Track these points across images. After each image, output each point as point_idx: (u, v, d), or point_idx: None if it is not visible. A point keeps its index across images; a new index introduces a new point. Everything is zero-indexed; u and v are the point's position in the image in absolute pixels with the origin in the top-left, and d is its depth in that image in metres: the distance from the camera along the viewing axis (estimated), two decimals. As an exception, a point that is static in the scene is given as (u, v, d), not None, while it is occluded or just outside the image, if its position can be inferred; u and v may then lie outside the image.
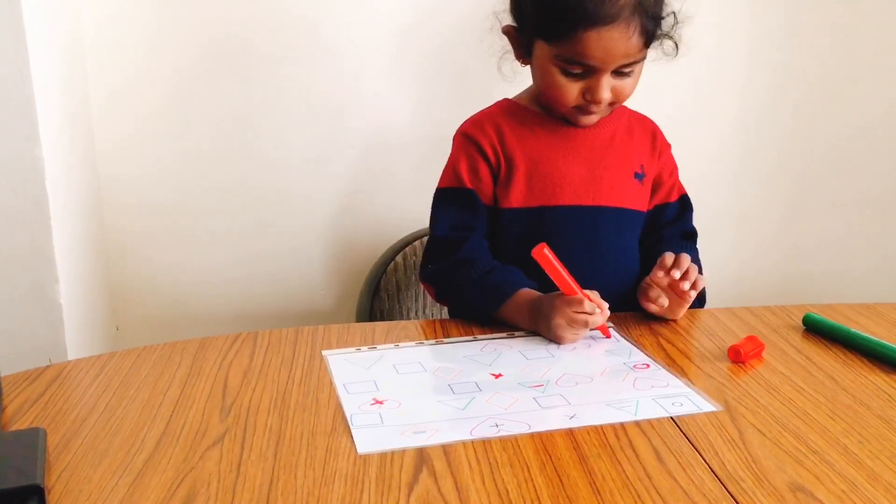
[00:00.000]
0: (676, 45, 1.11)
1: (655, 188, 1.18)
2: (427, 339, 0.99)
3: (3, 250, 1.21)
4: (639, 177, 1.15)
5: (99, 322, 1.48)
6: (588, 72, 1.03)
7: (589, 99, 1.05)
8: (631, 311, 1.08)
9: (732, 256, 1.78)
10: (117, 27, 1.45)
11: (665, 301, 1.02)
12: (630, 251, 1.16)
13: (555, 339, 0.97)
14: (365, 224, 1.61)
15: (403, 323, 1.05)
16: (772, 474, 0.69)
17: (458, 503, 0.65)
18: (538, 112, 1.14)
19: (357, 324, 1.07)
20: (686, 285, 1.00)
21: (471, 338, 1.00)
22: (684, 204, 1.20)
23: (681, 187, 1.21)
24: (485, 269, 1.06)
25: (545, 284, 1.03)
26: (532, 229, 1.11)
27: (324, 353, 0.95)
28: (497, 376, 0.88)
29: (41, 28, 1.20)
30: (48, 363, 0.93)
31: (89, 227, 1.45)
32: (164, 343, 0.96)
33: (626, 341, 0.99)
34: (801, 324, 1.04)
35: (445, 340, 0.99)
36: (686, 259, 1.02)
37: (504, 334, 1.01)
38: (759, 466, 0.70)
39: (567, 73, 1.04)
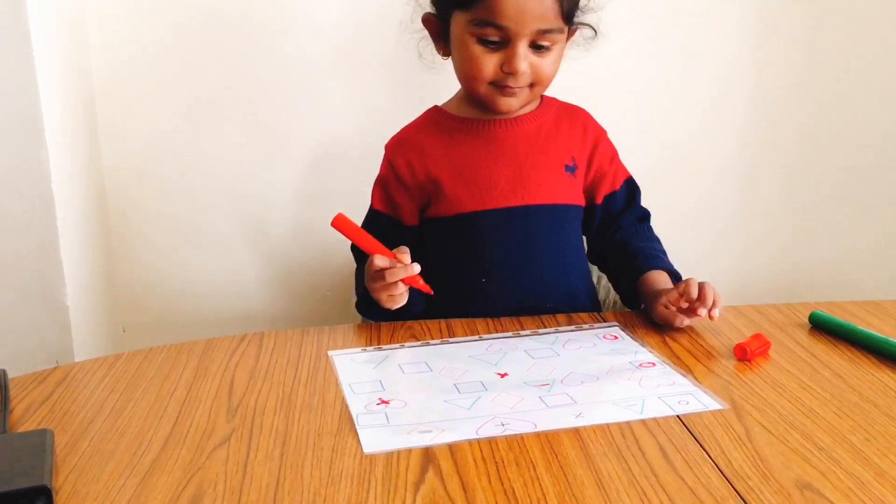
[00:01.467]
0: (594, 29, 1.10)
1: (600, 180, 1.16)
2: (432, 338, 0.99)
3: (11, 253, 1.21)
4: (570, 169, 1.13)
5: (105, 324, 1.49)
6: (504, 40, 1.02)
7: (506, 70, 1.03)
8: (587, 311, 1.09)
9: (739, 254, 1.78)
10: (122, 31, 1.46)
11: (686, 321, 1.01)
12: (570, 247, 1.15)
13: (381, 304, 1.02)
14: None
15: (408, 323, 1.05)
16: (778, 472, 0.69)
17: (465, 502, 0.65)
18: (463, 118, 1.13)
19: (362, 324, 1.07)
20: (717, 312, 0.98)
21: (476, 337, 1.00)
22: (630, 187, 1.19)
23: (624, 170, 1.19)
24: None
25: (461, 300, 1.07)
26: (463, 236, 1.11)
27: (329, 353, 0.95)
28: (503, 375, 0.89)
29: (46, 31, 1.20)
30: (55, 365, 0.93)
31: (95, 229, 1.45)
32: (171, 344, 0.96)
33: (631, 340, 0.99)
34: (807, 322, 1.04)
35: (450, 340, 0.99)
36: (710, 290, 0.99)
37: (510, 334, 1.01)
38: (765, 464, 0.70)
39: (483, 42, 1.03)
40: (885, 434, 0.76)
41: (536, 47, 1.03)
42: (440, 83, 1.19)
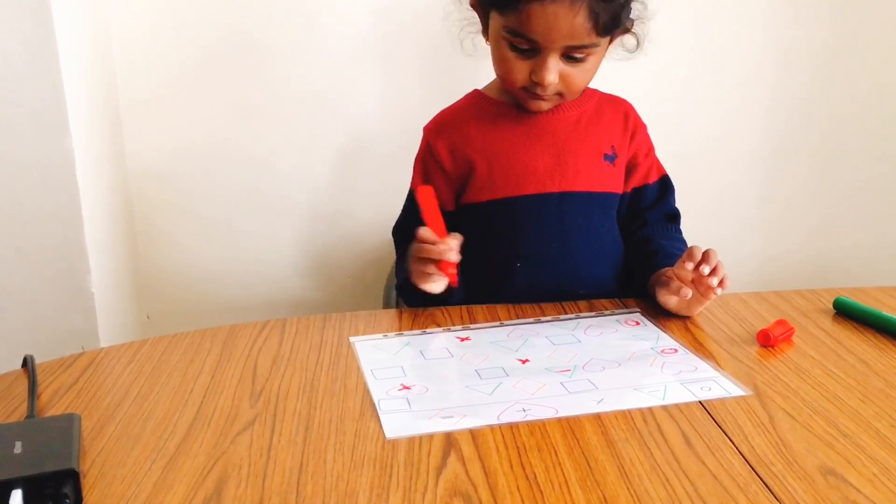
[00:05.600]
0: (638, 40, 1.08)
1: (631, 170, 1.15)
2: (453, 325, 0.99)
3: (37, 241, 1.23)
4: (609, 158, 1.12)
5: (130, 310, 1.51)
6: (535, 50, 1.01)
7: (535, 79, 1.03)
8: (623, 297, 1.08)
9: (763, 242, 1.77)
10: (144, 20, 1.46)
11: (689, 292, 0.96)
12: (606, 234, 1.14)
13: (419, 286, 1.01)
14: (392, 210, 1.62)
15: (430, 309, 1.05)
16: (802, 458, 0.69)
17: (487, 487, 0.65)
18: (504, 102, 1.12)
19: (384, 310, 1.07)
20: (714, 281, 0.95)
21: (497, 323, 1.00)
22: (664, 185, 1.18)
23: (660, 167, 1.18)
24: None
25: (496, 284, 1.05)
26: (500, 221, 1.10)
27: (351, 339, 0.95)
28: (524, 361, 0.89)
29: (69, 21, 1.21)
30: (81, 350, 0.94)
31: (119, 217, 1.47)
32: (195, 330, 0.97)
33: (653, 326, 0.99)
34: (831, 307, 1.03)
35: (472, 326, 0.99)
36: (714, 255, 0.96)
37: (531, 320, 1.01)
38: (789, 450, 0.70)
39: (515, 49, 1.02)
40: (911, 420, 0.75)
41: (570, 57, 1.02)
42: (470, 73, 1.18)
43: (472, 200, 1.12)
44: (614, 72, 1.24)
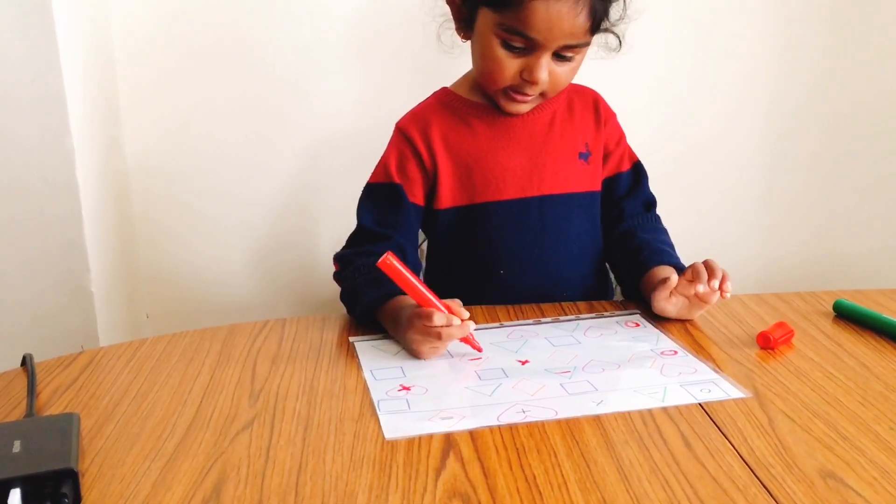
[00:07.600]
0: (620, 40, 1.07)
1: (603, 160, 1.14)
2: (453, 325, 0.99)
3: (36, 240, 1.23)
4: (584, 156, 1.12)
5: (129, 310, 1.50)
6: (529, 48, 0.99)
7: (526, 78, 1.01)
8: (601, 295, 1.09)
9: (763, 245, 1.76)
10: (146, 19, 1.46)
11: (695, 313, 0.99)
12: (586, 235, 1.13)
13: (412, 353, 0.90)
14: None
15: (430, 310, 1.05)
16: (802, 460, 0.69)
17: (486, 488, 0.65)
18: (475, 102, 1.10)
19: (384, 311, 1.07)
20: (728, 295, 0.95)
21: (497, 324, 1.00)
22: (638, 172, 1.16)
23: (632, 154, 1.17)
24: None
25: (478, 290, 1.03)
26: (480, 226, 1.09)
27: (351, 339, 0.95)
28: (524, 363, 0.89)
29: (70, 20, 1.21)
30: (81, 349, 0.94)
31: (119, 216, 1.46)
32: (194, 330, 0.97)
33: (653, 328, 0.98)
34: (831, 310, 1.03)
35: (472, 327, 0.99)
36: (718, 269, 0.96)
37: (531, 321, 1.01)
38: (788, 453, 0.70)
39: (508, 47, 1.00)
40: (911, 423, 0.75)
41: (559, 57, 1.01)
42: (448, 69, 1.16)
43: (450, 205, 1.10)
44: (615, 74, 1.24)
